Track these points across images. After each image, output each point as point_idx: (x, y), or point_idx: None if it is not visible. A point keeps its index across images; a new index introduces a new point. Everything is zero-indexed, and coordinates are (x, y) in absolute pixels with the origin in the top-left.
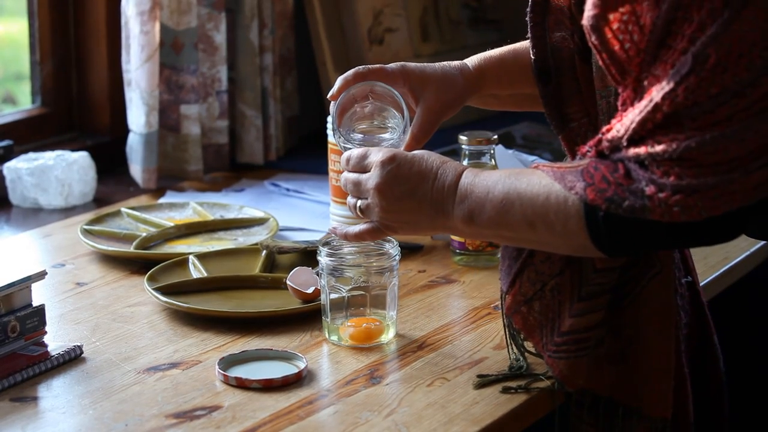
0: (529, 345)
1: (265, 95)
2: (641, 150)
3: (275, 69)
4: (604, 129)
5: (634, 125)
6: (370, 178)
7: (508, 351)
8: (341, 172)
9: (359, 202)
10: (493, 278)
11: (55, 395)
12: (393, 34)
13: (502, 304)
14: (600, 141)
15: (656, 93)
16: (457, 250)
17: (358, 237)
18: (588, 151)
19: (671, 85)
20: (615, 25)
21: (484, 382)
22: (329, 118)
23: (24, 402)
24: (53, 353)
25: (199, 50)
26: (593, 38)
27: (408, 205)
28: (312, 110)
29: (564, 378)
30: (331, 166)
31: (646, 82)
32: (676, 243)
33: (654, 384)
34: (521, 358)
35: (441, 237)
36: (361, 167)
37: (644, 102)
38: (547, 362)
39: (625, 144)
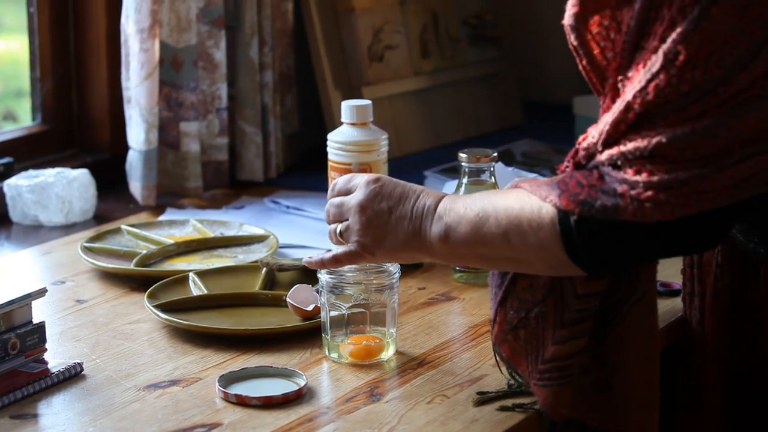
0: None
1: (265, 112)
2: (614, 151)
3: (275, 86)
4: (580, 139)
5: (607, 128)
6: (353, 197)
7: (502, 373)
8: None
9: (339, 226)
10: None
11: (55, 412)
12: (393, 51)
13: (492, 333)
14: (576, 152)
15: (629, 93)
16: (457, 267)
17: (334, 261)
18: (566, 166)
19: (642, 83)
20: (595, 29)
21: (484, 399)
22: (329, 142)
23: (24, 419)
24: (53, 370)
25: (199, 67)
26: (572, 38)
27: (386, 223)
28: (312, 127)
29: (548, 407)
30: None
31: (620, 86)
32: (652, 249)
33: (638, 413)
34: (517, 376)
35: None
36: (347, 190)
37: (617, 104)
38: (533, 390)
39: (600, 149)
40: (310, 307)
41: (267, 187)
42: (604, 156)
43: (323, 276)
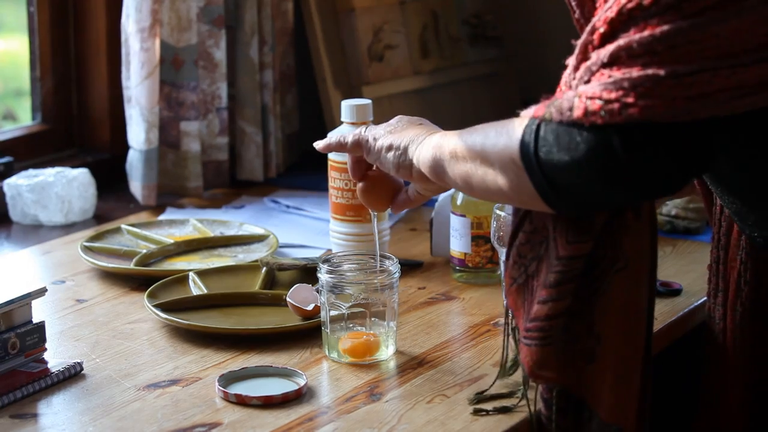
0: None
1: (265, 112)
2: (582, 67)
3: (275, 86)
4: (558, 88)
5: (576, 52)
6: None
7: (504, 349)
8: (341, 189)
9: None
10: (493, 295)
11: (55, 412)
12: (393, 50)
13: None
14: (559, 88)
15: (595, 17)
16: (457, 267)
17: (339, 144)
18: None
19: (609, 4)
20: None
21: (481, 398)
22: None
23: (24, 419)
24: (53, 370)
25: (199, 67)
26: (573, 6)
27: (402, 128)
28: (312, 127)
29: (528, 366)
30: (331, 183)
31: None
32: (608, 173)
33: (614, 387)
34: (513, 358)
35: (441, 253)
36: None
37: (586, 29)
38: (520, 349)
39: (573, 76)
40: (310, 307)
41: (267, 187)
42: (577, 76)
43: (323, 275)
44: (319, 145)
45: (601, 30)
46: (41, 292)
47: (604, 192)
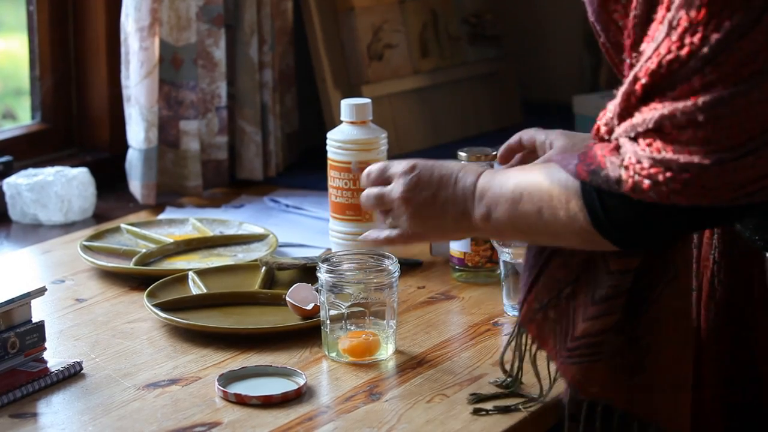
0: (540, 356)
1: (264, 111)
2: (627, 124)
3: (275, 85)
4: (600, 114)
5: (619, 100)
6: (393, 190)
7: (511, 367)
8: (341, 188)
9: (388, 219)
10: (493, 294)
11: (55, 411)
12: (392, 50)
13: (519, 315)
14: (598, 128)
15: (638, 65)
16: (457, 267)
17: (389, 241)
18: (592, 142)
19: (648, 53)
20: (612, 6)
21: (480, 398)
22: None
23: (23, 418)
24: (53, 369)
25: (199, 66)
26: (590, 12)
27: (433, 211)
28: (312, 126)
29: (577, 384)
30: (330, 183)
31: (635, 62)
32: (669, 225)
33: (671, 395)
34: (514, 376)
35: (440, 252)
36: (383, 180)
37: (629, 76)
38: (559, 369)
39: (616, 122)
40: (310, 306)
41: (266, 186)
42: (620, 128)
43: (323, 275)
44: (368, 237)
45: (643, 81)
46: (41, 291)
47: (668, 233)
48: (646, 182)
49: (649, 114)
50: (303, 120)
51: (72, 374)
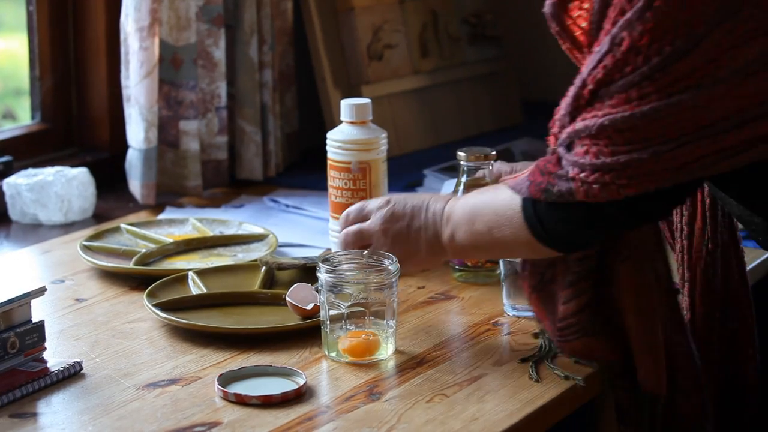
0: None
1: (264, 111)
2: (570, 128)
3: (275, 85)
4: (556, 110)
5: (569, 100)
6: (372, 224)
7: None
8: (340, 188)
9: (365, 252)
10: (492, 294)
11: (55, 411)
12: (392, 50)
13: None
14: (553, 123)
15: (585, 69)
16: (456, 267)
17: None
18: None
19: (593, 63)
20: (575, 13)
21: (527, 359)
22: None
23: (23, 418)
24: (52, 369)
25: (199, 66)
26: (553, 25)
27: (408, 238)
28: (311, 126)
29: (581, 355)
30: (330, 183)
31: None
32: (612, 223)
33: (646, 358)
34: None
35: None
36: (362, 218)
37: (577, 79)
38: (557, 345)
39: (567, 120)
40: (310, 306)
41: (266, 186)
42: (563, 134)
43: (322, 275)
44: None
45: (590, 87)
46: (40, 291)
47: (600, 236)
48: (595, 186)
49: (591, 121)
50: (303, 120)
51: (72, 374)
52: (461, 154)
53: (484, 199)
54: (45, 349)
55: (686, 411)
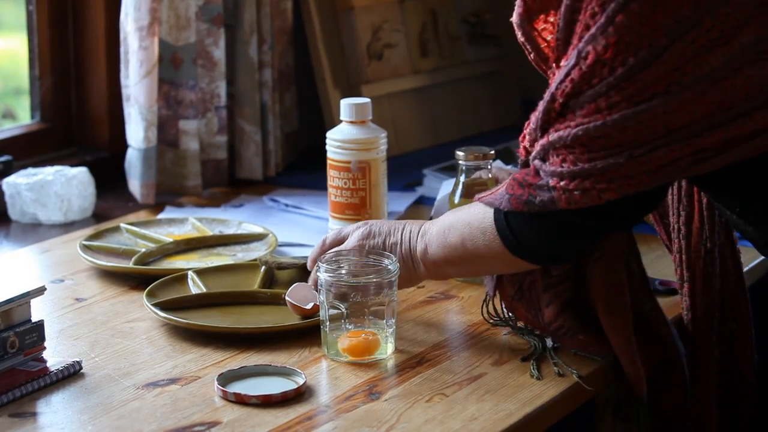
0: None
1: (264, 111)
2: (544, 141)
3: (274, 84)
4: (525, 124)
5: (541, 115)
6: (349, 242)
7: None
8: (340, 188)
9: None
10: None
11: (54, 411)
12: (392, 49)
13: (484, 306)
14: (524, 137)
15: (553, 84)
16: None
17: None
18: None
19: (562, 76)
20: (540, 26)
21: (527, 356)
22: (328, 139)
23: (23, 417)
24: (52, 369)
25: (198, 66)
26: (519, 35)
27: (381, 255)
28: (311, 126)
29: (579, 348)
30: (330, 182)
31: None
32: (591, 231)
33: (620, 357)
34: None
35: None
36: (339, 240)
37: (546, 93)
38: (564, 343)
39: (539, 134)
40: (309, 306)
41: (266, 186)
42: (537, 147)
43: (322, 274)
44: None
45: (560, 101)
46: (40, 290)
47: (576, 245)
48: (576, 193)
49: (565, 132)
50: (302, 119)
51: (71, 374)
52: (460, 153)
53: (459, 215)
54: (44, 348)
55: (669, 407)
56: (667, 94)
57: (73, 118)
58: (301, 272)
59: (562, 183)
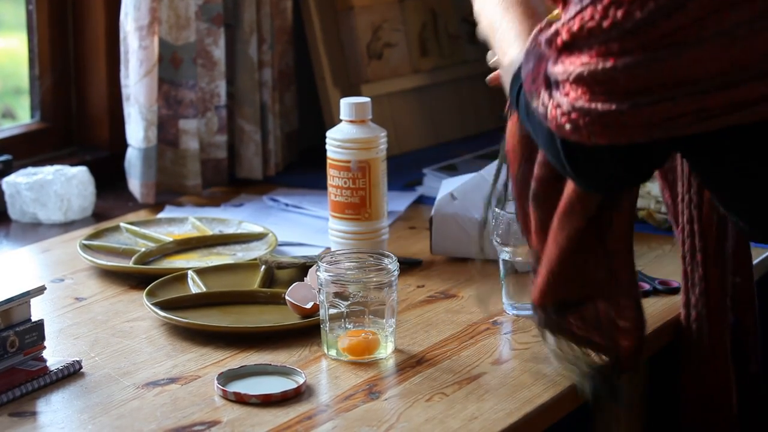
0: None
1: (264, 110)
2: (550, 65)
3: (274, 84)
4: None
5: (542, 47)
6: None
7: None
8: (340, 187)
9: None
10: (491, 293)
11: (54, 410)
12: (392, 49)
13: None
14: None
15: (560, 21)
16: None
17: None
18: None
19: (571, 14)
20: None
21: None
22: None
23: (23, 417)
24: (52, 368)
25: (198, 65)
26: None
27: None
28: (311, 125)
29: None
30: (330, 181)
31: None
32: (574, 160)
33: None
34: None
35: (440, 251)
36: None
37: (552, 27)
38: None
39: (533, 66)
40: (309, 305)
41: (266, 185)
42: (548, 64)
43: (322, 274)
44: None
45: (564, 37)
46: (40, 290)
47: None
48: (567, 126)
49: (570, 67)
50: (302, 119)
51: (71, 373)
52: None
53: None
54: (44, 347)
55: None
56: (684, 45)
57: (73, 117)
58: (301, 272)
59: (558, 109)
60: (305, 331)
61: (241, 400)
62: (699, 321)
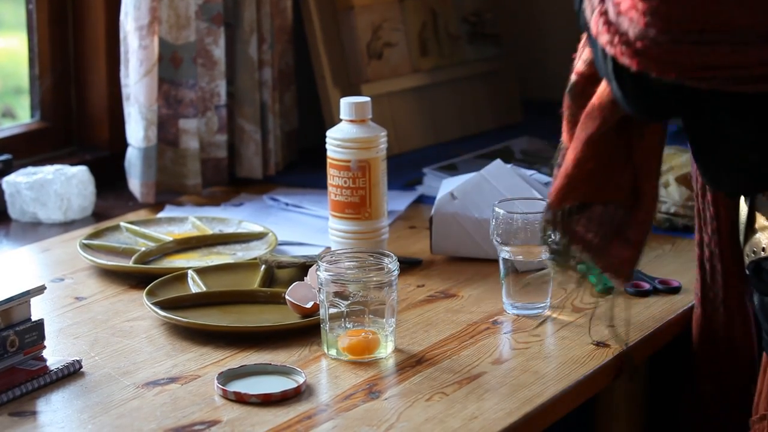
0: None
1: (264, 110)
2: None
3: (274, 84)
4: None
5: None
6: None
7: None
8: (340, 187)
9: None
10: (492, 293)
11: (54, 410)
12: (392, 48)
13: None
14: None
15: None
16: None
17: None
18: None
19: None
20: None
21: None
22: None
23: (23, 417)
24: (52, 368)
25: (198, 65)
26: None
27: None
28: (311, 125)
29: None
30: (330, 181)
31: None
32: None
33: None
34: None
35: (440, 251)
36: None
37: None
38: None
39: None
40: (309, 305)
41: (266, 185)
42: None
43: (322, 273)
44: None
45: None
46: (40, 289)
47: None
48: (605, 38)
49: None
50: (302, 118)
51: (71, 372)
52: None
53: None
54: (44, 347)
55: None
56: None
57: (72, 117)
58: (301, 271)
59: (601, 18)
60: (305, 331)
61: (241, 399)
62: (712, 261)
